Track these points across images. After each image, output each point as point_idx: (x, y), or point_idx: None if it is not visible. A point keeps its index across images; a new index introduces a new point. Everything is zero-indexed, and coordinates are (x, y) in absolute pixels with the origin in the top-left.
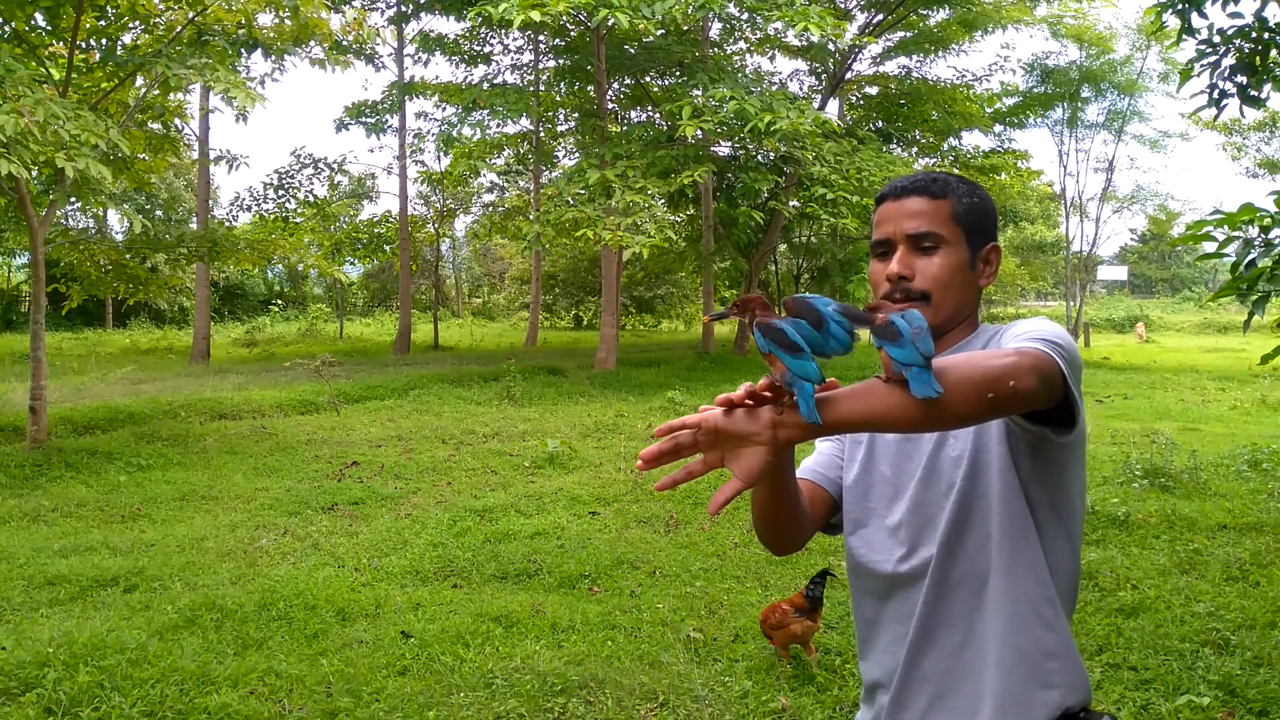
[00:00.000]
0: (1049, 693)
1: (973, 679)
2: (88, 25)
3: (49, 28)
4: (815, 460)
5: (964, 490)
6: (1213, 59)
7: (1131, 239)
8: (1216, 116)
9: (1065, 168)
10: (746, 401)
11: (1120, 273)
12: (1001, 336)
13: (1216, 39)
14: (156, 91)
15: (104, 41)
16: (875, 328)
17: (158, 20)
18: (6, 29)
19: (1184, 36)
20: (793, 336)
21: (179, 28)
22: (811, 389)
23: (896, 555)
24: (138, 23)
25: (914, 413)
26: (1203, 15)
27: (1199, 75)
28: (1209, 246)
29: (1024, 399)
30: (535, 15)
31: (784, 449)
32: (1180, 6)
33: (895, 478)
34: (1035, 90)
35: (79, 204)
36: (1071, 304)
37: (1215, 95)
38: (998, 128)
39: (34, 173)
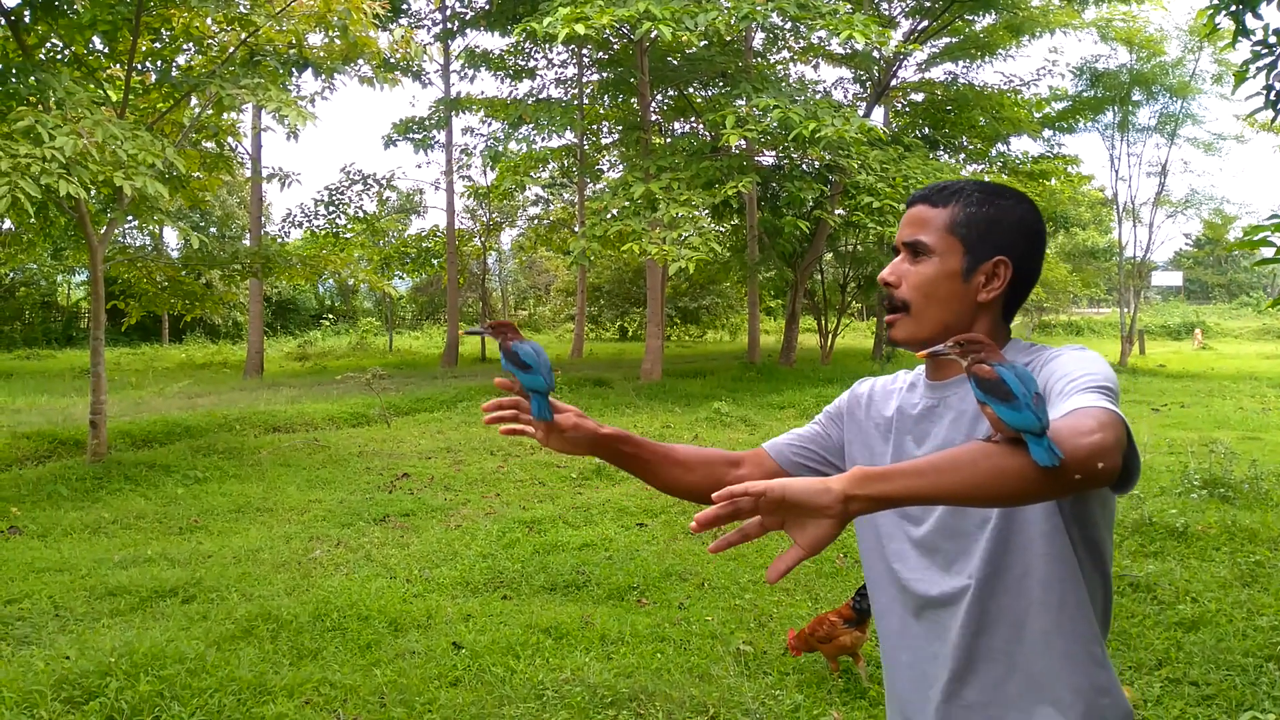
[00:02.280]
0: None
1: (1018, 711)
2: (144, 48)
3: (106, 51)
4: (790, 440)
5: (1000, 527)
6: (1269, 60)
7: (1186, 244)
8: (1274, 119)
9: (1117, 172)
10: (528, 430)
11: (1175, 278)
12: (1043, 372)
13: (1273, 39)
14: (210, 111)
15: (159, 63)
16: (982, 380)
17: (211, 42)
18: (66, 53)
19: (1238, 38)
20: (524, 357)
21: (232, 49)
22: (544, 397)
23: (928, 577)
24: (192, 45)
25: (1017, 482)
26: (1258, 16)
27: (1254, 77)
28: (1266, 252)
29: (1107, 478)
30: (579, 29)
31: (851, 519)
32: (1234, 7)
33: None
34: (1084, 94)
35: (136, 222)
36: (1125, 310)
37: (1272, 97)
38: (1046, 132)
39: (93, 192)
